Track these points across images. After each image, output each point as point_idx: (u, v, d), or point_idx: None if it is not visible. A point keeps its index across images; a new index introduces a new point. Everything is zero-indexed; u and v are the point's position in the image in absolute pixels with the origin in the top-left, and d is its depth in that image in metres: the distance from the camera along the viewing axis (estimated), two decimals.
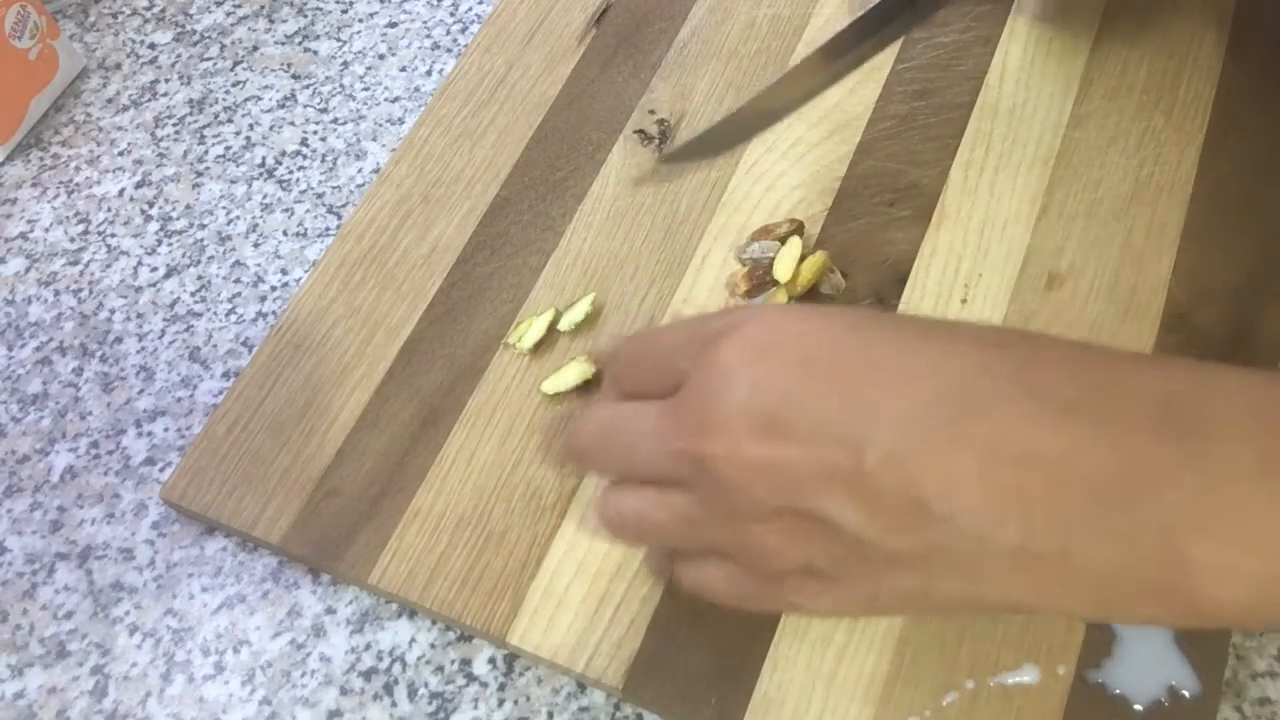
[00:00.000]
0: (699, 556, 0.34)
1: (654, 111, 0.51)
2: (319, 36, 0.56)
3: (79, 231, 0.51)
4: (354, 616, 0.41)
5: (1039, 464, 0.28)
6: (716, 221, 0.47)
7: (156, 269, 0.50)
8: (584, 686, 0.39)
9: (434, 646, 0.40)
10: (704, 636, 0.38)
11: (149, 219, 0.51)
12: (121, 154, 0.53)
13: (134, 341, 0.48)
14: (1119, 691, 0.37)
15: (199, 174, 0.52)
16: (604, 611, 0.39)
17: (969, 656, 0.38)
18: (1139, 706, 0.37)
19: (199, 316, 0.48)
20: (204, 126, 0.54)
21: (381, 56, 0.55)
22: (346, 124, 0.53)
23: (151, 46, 0.57)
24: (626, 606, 0.39)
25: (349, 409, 0.44)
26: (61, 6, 0.58)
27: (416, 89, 0.54)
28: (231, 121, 0.54)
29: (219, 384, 0.47)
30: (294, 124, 0.54)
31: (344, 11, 0.57)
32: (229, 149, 0.53)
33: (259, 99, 0.54)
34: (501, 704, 0.39)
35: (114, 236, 0.51)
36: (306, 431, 0.44)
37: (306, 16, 0.57)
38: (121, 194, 0.52)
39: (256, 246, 0.50)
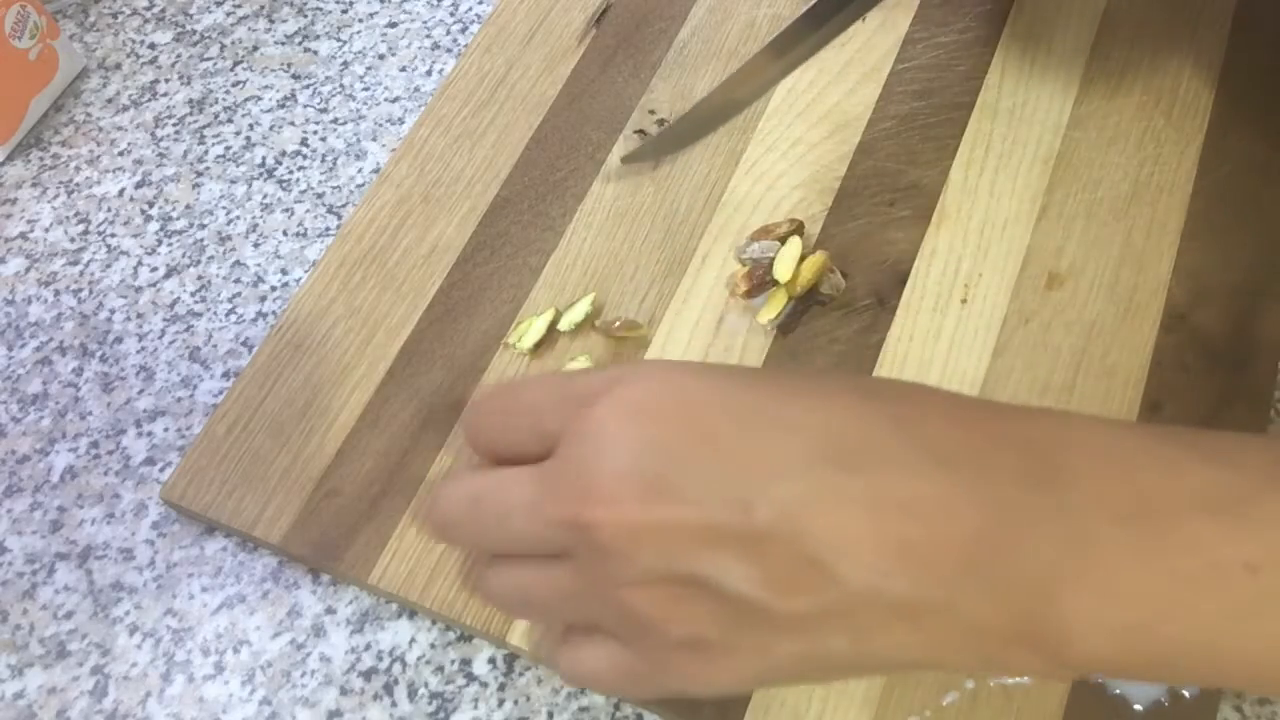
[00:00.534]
0: (580, 636, 0.32)
1: (654, 111, 0.51)
2: (319, 36, 0.56)
3: (79, 231, 0.51)
4: (354, 616, 0.41)
5: (919, 516, 0.28)
6: (716, 221, 0.47)
7: (156, 269, 0.50)
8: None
9: (434, 646, 0.40)
10: None
11: (149, 219, 0.51)
12: (121, 154, 0.53)
13: (134, 341, 0.48)
14: (1119, 691, 0.37)
15: (199, 174, 0.52)
16: None
17: None
18: (1139, 706, 0.37)
19: (199, 316, 0.48)
20: (204, 126, 0.54)
21: (381, 56, 0.55)
22: (346, 124, 0.53)
23: (151, 46, 0.57)
24: None
25: (349, 409, 0.44)
26: (61, 6, 0.58)
27: (416, 89, 0.54)
28: (231, 121, 0.54)
29: (219, 384, 0.47)
30: (294, 124, 0.54)
31: (344, 11, 0.57)
32: (229, 149, 0.53)
33: (259, 99, 0.54)
34: (501, 704, 0.39)
35: (114, 236, 0.51)
36: (306, 431, 0.44)
37: (306, 16, 0.57)
38: (121, 194, 0.52)
39: (256, 246, 0.50)
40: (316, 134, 0.53)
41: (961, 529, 0.28)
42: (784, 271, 0.44)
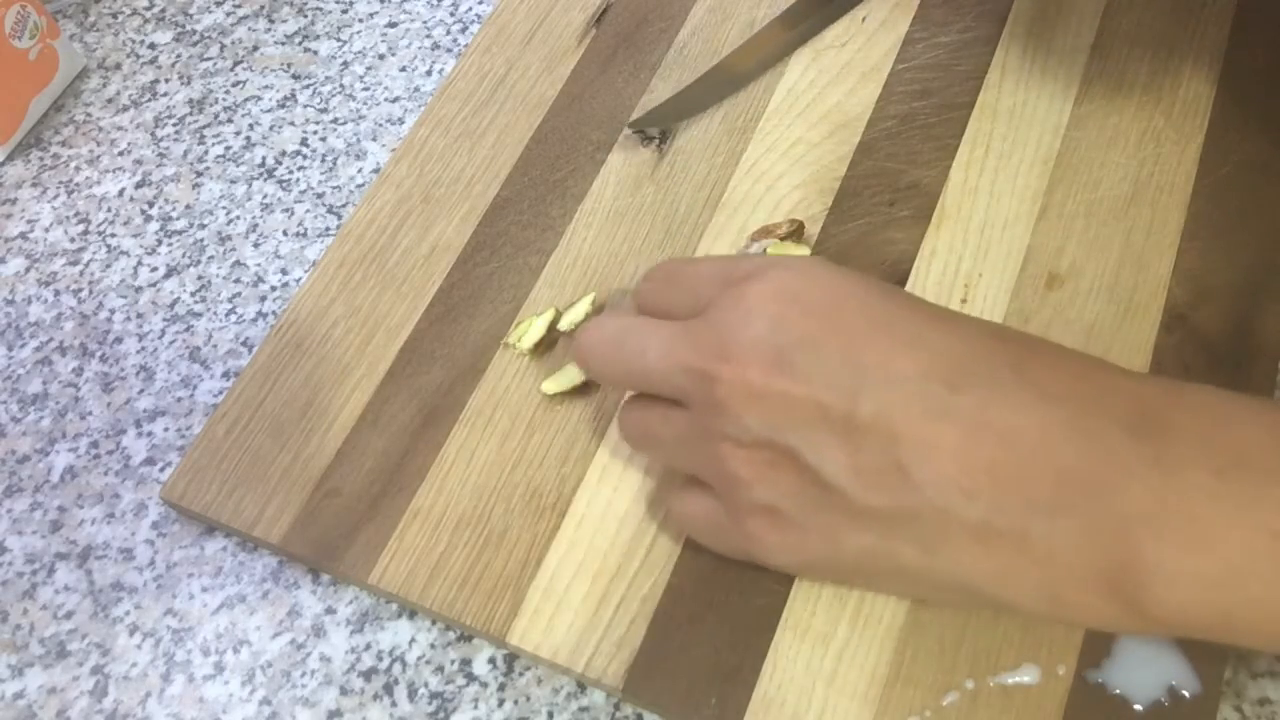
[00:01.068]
0: (692, 485, 0.36)
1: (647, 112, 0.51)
2: (319, 36, 0.56)
3: (79, 231, 0.51)
4: (354, 616, 0.41)
5: (1016, 444, 0.29)
6: (716, 221, 0.47)
7: (156, 269, 0.50)
8: (584, 686, 0.39)
9: (434, 646, 0.40)
10: (704, 636, 0.38)
11: (149, 219, 0.51)
12: (121, 154, 0.53)
13: (134, 341, 0.48)
14: (1119, 691, 0.37)
15: (199, 174, 0.52)
16: (604, 611, 0.39)
17: (969, 656, 0.38)
18: (1139, 706, 0.37)
19: (199, 316, 0.48)
20: (204, 126, 0.54)
21: (381, 56, 0.55)
22: (346, 124, 0.53)
23: (151, 46, 0.57)
24: (626, 606, 0.39)
25: (349, 409, 0.44)
26: (61, 6, 0.58)
27: (416, 89, 0.54)
28: (231, 121, 0.54)
29: (219, 384, 0.47)
30: (294, 124, 0.54)
31: (344, 11, 0.57)
32: (229, 149, 0.53)
33: (259, 99, 0.54)
34: (501, 704, 0.39)
35: (114, 236, 0.51)
36: (306, 431, 0.44)
37: (306, 16, 0.57)
38: (121, 194, 0.52)
39: (256, 246, 0.50)
40: (316, 134, 0.53)
41: (1055, 463, 0.29)
42: None
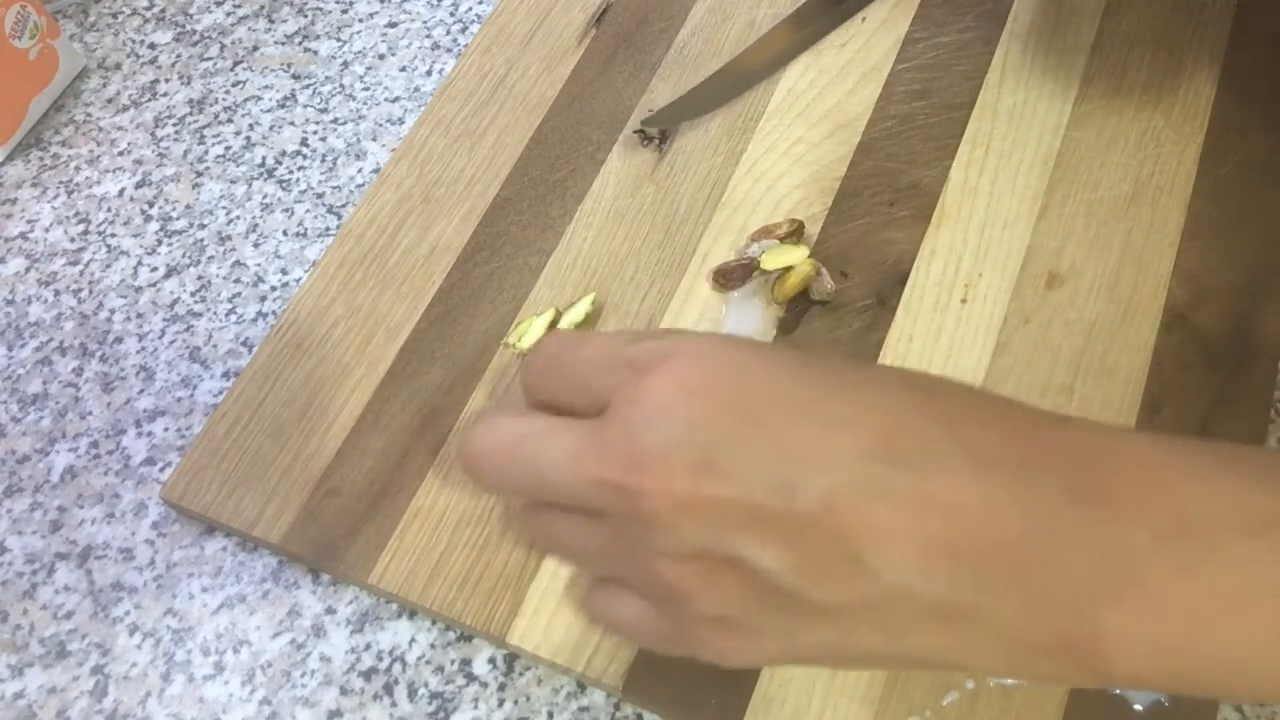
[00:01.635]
0: (613, 587, 0.33)
1: (653, 111, 0.51)
2: (319, 36, 0.56)
3: (79, 231, 0.51)
4: (354, 616, 0.41)
5: (961, 519, 0.28)
6: (716, 221, 0.47)
7: (156, 269, 0.50)
8: (584, 686, 0.39)
9: (434, 646, 0.40)
10: None
11: (149, 219, 0.51)
12: (121, 154, 0.53)
13: (134, 341, 0.48)
14: (1119, 691, 0.37)
15: (199, 174, 0.52)
16: None
17: None
18: (1139, 706, 0.37)
19: (199, 316, 0.48)
20: (204, 126, 0.54)
21: (381, 56, 0.55)
22: (346, 124, 0.53)
23: (151, 46, 0.57)
24: None
25: (349, 409, 0.44)
26: (61, 6, 0.58)
27: (416, 89, 0.54)
28: (231, 121, 0.54)
29: (219, 384, 0.47)
30: (294, 124, 0.54)
31: (344, 11, 0.57)
32: (229, 149, 0.53)
33: (259, 99, 0.54)
34: (501, 704, 0.39)
35: (114, 236, 0.51)
36: (306, 431, 0.44)
37: (306, 16, 0.57)
38: (121, 194, 0.52)
39: (256, 246, 0.50)
40: (316, 134, 0.53)
41: (1003, 535, 0.28)
42: (772, 262, 0.45)
